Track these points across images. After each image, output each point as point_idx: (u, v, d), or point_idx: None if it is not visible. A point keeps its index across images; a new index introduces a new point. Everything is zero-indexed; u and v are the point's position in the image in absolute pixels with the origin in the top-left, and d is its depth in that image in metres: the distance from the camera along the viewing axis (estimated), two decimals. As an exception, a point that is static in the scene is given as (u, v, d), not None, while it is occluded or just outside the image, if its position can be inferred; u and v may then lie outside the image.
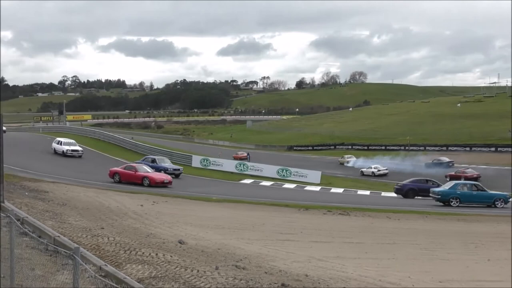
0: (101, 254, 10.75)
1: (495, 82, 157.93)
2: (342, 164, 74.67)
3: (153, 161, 45.54)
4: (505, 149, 76.50)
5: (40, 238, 10.44)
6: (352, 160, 74.38)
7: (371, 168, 62.88)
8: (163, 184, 37.02)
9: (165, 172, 41.91)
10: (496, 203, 32.89)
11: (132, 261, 10.54)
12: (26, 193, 21.93)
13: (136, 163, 42.82)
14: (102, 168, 42.31)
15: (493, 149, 78.17)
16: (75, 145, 54.69)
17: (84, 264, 7.04)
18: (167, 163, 46.84)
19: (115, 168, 39.26)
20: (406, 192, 38.46)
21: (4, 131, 63.86)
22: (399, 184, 39.97)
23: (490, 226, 25.11)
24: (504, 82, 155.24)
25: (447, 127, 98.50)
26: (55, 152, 53.25)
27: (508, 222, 26.79)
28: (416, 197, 37.64)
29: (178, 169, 46.04)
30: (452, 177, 52.46)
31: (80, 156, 52.67)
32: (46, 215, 16.11)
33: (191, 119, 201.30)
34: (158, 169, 42.10)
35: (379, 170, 61.40)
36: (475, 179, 51.11)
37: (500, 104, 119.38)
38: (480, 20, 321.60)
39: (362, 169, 63.22)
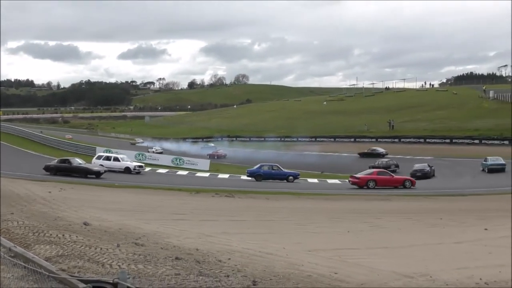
0: (11, 237, 10.20)
1: (354, 84, 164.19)
2: (133, 144, 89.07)
3: (272, 167, 40.24)
4: (362, 139, 79.90)
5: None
6: (140, 141, 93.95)
7: (152, 148, 73.16)
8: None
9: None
10: None
11: (41, 242, 10.09)
12: None
13: (262, 169, 39.77)
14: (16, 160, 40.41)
15: (352, 139, 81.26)
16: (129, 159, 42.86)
17: (-7, 246, 6.68)
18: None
19: (364, 176, 34.64)
20: None
21: None
22: None
23: (348, 203, 26.06)
24: (361, 84, 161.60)
25: (315, 122, 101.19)
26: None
27: (361, 199, 27.94)
28: None
29: None
30: (210, 156, 63.88)
31: (138, 173, 40.54)
32: (-42, 203, 15.12)
33: (95, 115, 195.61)
34: None
35: (156, 150, 70.72)
36: (224, 156, 65.35)
37: (357, 103, 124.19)
38: (342, 32, 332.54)
39: (149, 149, 71.08)
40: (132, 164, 41.48)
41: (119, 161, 40.96)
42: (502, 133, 67.21)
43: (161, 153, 64.69)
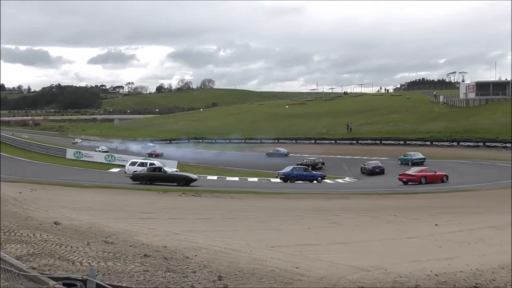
0: (-18, 237, 9.97)
1: (314, 89, 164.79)
2: (74, 143, 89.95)
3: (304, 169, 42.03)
4: (322, 141, 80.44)
5: None
6: (79, 141, 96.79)
7: (98, 147, 74.16)
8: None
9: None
10: None
11: (12, 241, 9.89)
12: None
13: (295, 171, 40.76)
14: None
15: (313, 141, 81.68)
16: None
17: (-35, 246, 6.51)
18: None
19: (417, 173, 36.51)
20: None
21: None
22: None
23: (308, 202, 26.22)
24: (321, 89, 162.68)
25: (278, 124, 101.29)
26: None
27: (321, 198, 28.14)
28: None
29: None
30: (149, 154, 64.84)
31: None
32: None
33: (65, 118, 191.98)
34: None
35: (103, 149, 71.31)
36: (161, 155, 64.84)
37: (318, 106, 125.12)
38: (303, 40, 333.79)
39: (96, 148, 71.89)
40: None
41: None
42: (451, 135, 68.66)
43: (106, 152, 64.73)
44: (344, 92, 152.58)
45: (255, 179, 43.49)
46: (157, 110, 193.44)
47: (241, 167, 54.51)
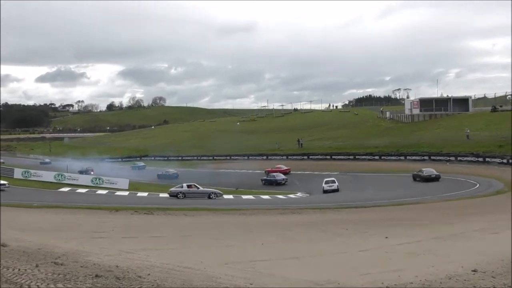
0: None
1: (265, 106, 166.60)
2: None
3: None
4: (274, 157, 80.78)
5: None
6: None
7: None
8: None
9: None
10: None
11: (-45, 266, 9.42)
12: None
13: None
14: None
15: (265, 157, 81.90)
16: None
17: None
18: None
19: None
20: None
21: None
22: None
23: (261, 217, 26.23)
24: (271, 106, 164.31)
25: (229, 141, 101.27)
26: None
27: (273, 213, 28.19)
28: None
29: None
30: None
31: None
32: None
33: (13, 136, 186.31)
34: None
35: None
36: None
37: (268, 123, 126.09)
38: (254, 58, 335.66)
39: None
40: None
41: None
42: (398, 149, 70.25)
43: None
44: (294, 108, 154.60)
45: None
46: (108, 128, 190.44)
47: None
